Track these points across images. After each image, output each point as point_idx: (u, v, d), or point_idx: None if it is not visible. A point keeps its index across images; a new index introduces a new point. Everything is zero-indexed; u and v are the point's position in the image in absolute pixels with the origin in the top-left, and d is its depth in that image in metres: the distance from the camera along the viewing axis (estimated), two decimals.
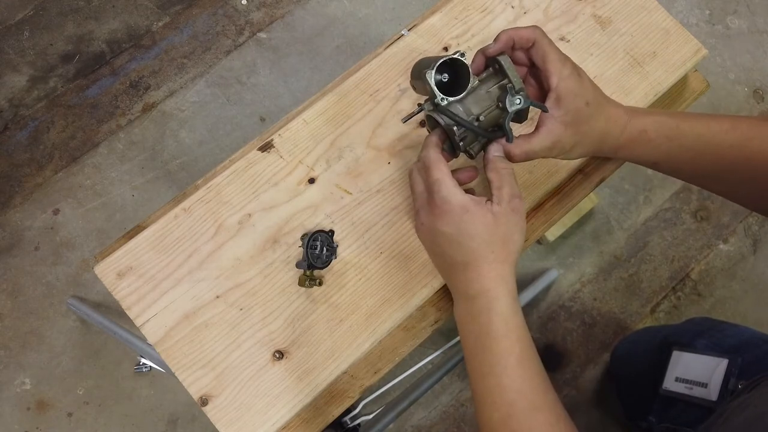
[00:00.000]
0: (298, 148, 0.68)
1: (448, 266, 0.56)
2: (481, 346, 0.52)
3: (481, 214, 0.52)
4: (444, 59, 0.55)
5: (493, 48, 0.55)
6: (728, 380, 0.78)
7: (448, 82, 0.57)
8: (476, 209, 0.52)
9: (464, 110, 0.55)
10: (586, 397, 1.28)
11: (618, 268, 1.38)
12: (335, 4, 1.52)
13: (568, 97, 0.54)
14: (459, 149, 0.56)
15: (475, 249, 0.52)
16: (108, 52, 1.47)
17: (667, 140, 0.58)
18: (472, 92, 0.55)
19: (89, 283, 1.31)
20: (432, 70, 0.54)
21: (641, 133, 0.58)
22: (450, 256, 0.54)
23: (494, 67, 0.56)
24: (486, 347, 0.52)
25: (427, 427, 1.28)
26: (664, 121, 0.58)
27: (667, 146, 0.58)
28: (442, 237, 0.54)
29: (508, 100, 0.53)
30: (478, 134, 0.55)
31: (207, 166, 1.39)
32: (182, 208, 0.65)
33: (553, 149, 0.56)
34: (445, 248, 0.54)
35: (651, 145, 0.59)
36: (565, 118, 0.54)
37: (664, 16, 0.73)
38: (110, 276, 0.63)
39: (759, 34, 1.55)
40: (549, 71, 0.54)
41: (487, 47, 0.56)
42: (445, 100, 0.54)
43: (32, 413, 1.24)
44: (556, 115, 0.54)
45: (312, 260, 0.62)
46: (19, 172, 1.38)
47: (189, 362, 0.61)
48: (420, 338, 0.70)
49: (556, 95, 0.54)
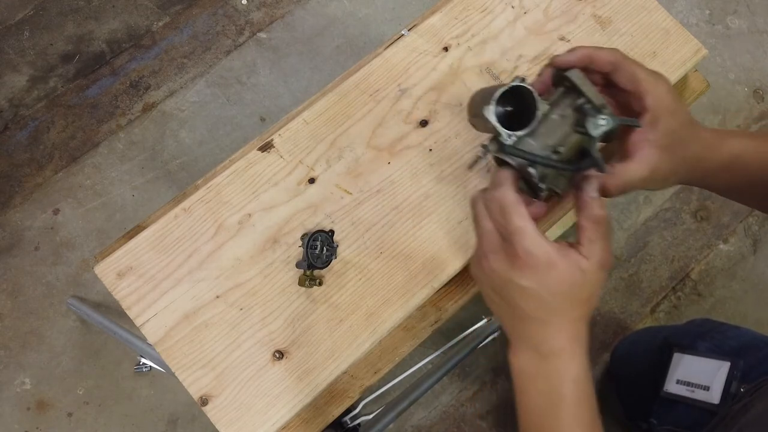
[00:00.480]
0: (298, 148, 0.68)
1: (516, 317, 0.50)
2: (550, 408, 0.48)
3: (569, 271, 0.46)
4: (503, 89, 0.47)
5: (565, 59, 0.49)
6: (730, 383, 0.78)
7: (512, 112, 0.50)
8: (564, 265, 0.46)
9: (538, 144, 0.47)
10: None
11: (618, 268, 1.38)
12: (335, 4, 1.52)
13: (665, 118, 0.48)
14: (541, 191, 0.48)
15: (555, 307, 0.47)
16: (108, 52, 1.47)
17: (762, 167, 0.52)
18: (543, 120, 0.47)
19: (89, 283, 1.31)
20: (491, 105, 0.47)
21: (735, 158, 0.52)
22: (522, 309, 0.48)
23: (564, 85, 0.48)
24: (555, 411, 0.48)
25: (427, 427, 1.28)
26: (757, 145, 0.52)
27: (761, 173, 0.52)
28: (518, 290, 0.47)
29: (590, 122, 0.45)
30: (561, 169, 0.47)
31: (207, 166, 1.39)
32: (182, 208, 0.65)
33: (650, 179, 0.49)
34: (519, 300, 0.48)
35: (745, 172, 0.52)
36: (662, 141, 0.48)
37: (664, 16, 0.73)
38: (110, 276, 0.63)
39: (759, 34, 1.55)
40: (642, 91, 0.48)
41: (557, 58, 0.50)
42: (512, 136, 0.46)
43: (32, 413, 1.24)
44: (651, 138, 0.48)
45: (312, 260, 0.62)
46: (19, 172, 1.38)
47: (189, 362, 0.61)
48: (420, 338, 0.70)
49: (652, 116, 0.48)
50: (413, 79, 0.70)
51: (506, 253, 0.47)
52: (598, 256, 0.47)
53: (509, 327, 0.52)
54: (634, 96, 0.49)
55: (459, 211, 0.66)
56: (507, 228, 0.46)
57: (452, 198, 0.66)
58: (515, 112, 0.49)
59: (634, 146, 0.48)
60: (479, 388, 1.30)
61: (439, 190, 0.67)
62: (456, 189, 0.67)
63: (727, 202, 1.41)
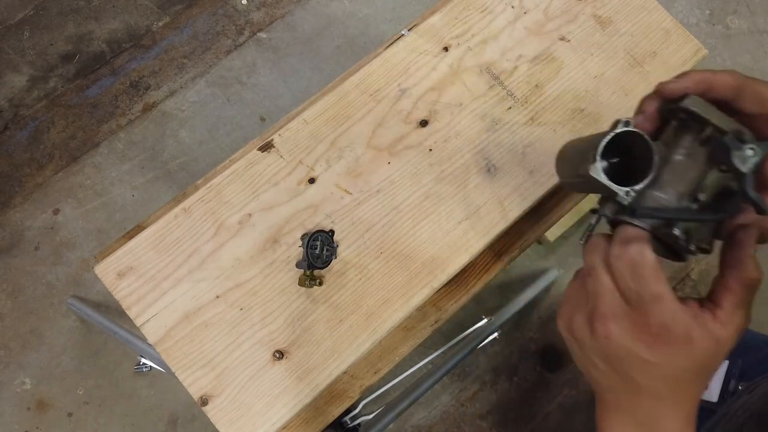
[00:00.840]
0: (298, 148, 0.68)
1: (627, 390, 0.42)
2: None
3: (704, 343, 0.39)
4: (607, 140, 0.39)
5: (677, 86, 0.41)
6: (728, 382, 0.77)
7: (617, 163, 0.42)
8: (701, 337, 0.38)
9: (667, 194, 0.39)
10: (586, 397, 1.28)
11: None
12: (335, 4, 1.52)
13: None
14: (689, 252, 0.40)
15: (680, 383, 0.40)
16: (108, 52, 1.47)
17: None
18: (664, 165, 0.39)
19: (89, 283, 1.31)
20: (597, 163, 0.39)
21: None
22: (638, 383, 0.41)
23: (679, 117, 0.40)
24: None
25: (427, 427, 1.28)
26: None
27: None
28: (639, 363, 0.40)
29: (736, 155, 0.36)
30: (711, 220, 0.38)
31: (207, 166, 1.39)
32: (182, 208, 0.65)
33: None
34: (636, 374, 0.40)
35: None
36: None
37: (664, 16, 0.73)
38: (110, 276, 0.63)
39: (759, 34, 1.55)
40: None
41: (665, 86, 0.42)
42: (630, 193, 0.38)
43: (32, 413, 1.24)
44: None
45: (312, 260, 0.62)
46: (19, 172, 1.38)
47: (189, 362, 0.61)
48: (420, 338, 0.70)
49: None
50: (413, 79, 0.70)
51: (632, 321, 0.39)
52: (739, 324, 0.39)
53: (612, 397, 0.44)
54: (762, 119, 0.42)
55: (459, 211, 0.66)
56: (640, 293, 0.39)
57: (452, 198, 0.66)
58: (620, 162, 0.41)
59: None
60: (479, 388, 1.30)
61: (439, 190, 0.67)
62: (456, 189, 0.67)
63: None
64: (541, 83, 0.71)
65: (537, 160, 0.68)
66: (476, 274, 0.71)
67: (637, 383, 0.41)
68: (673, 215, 0.37)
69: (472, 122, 0.69)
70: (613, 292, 0.40)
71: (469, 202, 0.66)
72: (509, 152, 0.68)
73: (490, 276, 0.71)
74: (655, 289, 0.38)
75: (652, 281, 0.38)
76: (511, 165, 0.67)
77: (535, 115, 0.69)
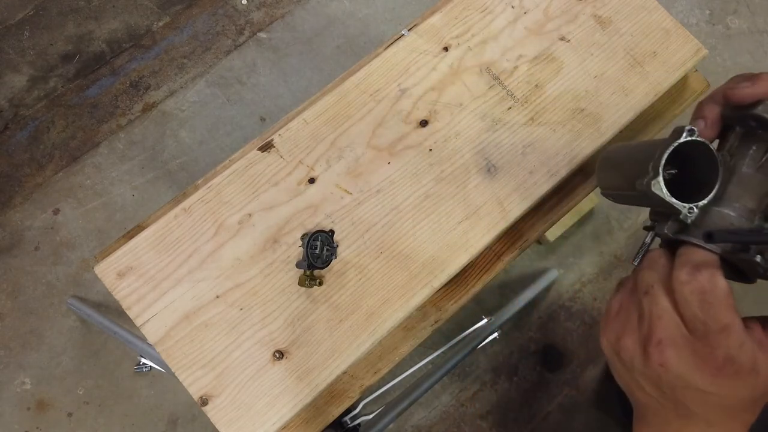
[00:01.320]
0: (298, 148, 0.68)
1: (676, 415, 0.40)
2: None
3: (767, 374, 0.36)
4: (669, 151, 0.35)
5: (749, 92, 0.37)
6: None
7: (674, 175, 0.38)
8: (766, 368, 0.36)
9: (733, 213, 0.35)
10: (586, 397, 1.28)
11: (618, 268, 1.38)
12: (335, 4, 1.52)
13: None
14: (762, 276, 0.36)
15: (736, 411, 0.38)
16: (108, 52, 1.47)
17: None
18: (730, 178, 0.36)
19: (89, 283, 1.31)
20: (659, 177, 0.35)
21: None
22: (689, 410, 0.39)
23: (748, 125, 0.37)
24: None
25: (427, 427, 1.28)
26: None
27: None
28: (696, 393, 0.38)
29: None
30: None
31: (207, 166, 1.39)
32: (182, 208, 0.65)
33: None
34: (691, 402, 0.38)
35: None
36: None
37: (665, 16, 0.73)
38: (110, 276, 0.63)
39: (759, 34, 1.55)
40: None
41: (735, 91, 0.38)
42: (694, 210, 0.35)
43: (32, 413, 1.24)
44: None
45: (312, 260, 0.62)
46: (19, 172, 1.38)
47: (189, 362, 0.61)
48: (420, 338, 0.70)
49: None
50: (413, 79, 0.70)
51: (694, 350, 0.37)
52: None
53: (656, 419, 0.41)
54: None
55: (459, 211, 0.66)
56: (707, 323, 0.36)
57: (452, 198, 0.66)
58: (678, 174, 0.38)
59: None
60: (479, 388, 1.30)
61: (439, 190, 0.67)
62: (456, 189, 0.67)
63: None
64: (541, 83, 0.71)
65: (537, 160, 0.68)
66: (476, 274, 0.71)
67: (689, 410, 0.39)
68: (752, 239, 0.32)
69: (472, 122, 0.69)
70: (673, 317, 0.37)
71: (469, 202, 0.66)
72: (509, 152, 0.68)
73: (490, 276, 0.71)
74: (726, 319, 0.35)
75: (723, 311, 0.35)
76: (511, 165, 0.67)
77: (535, 115, 0.69)
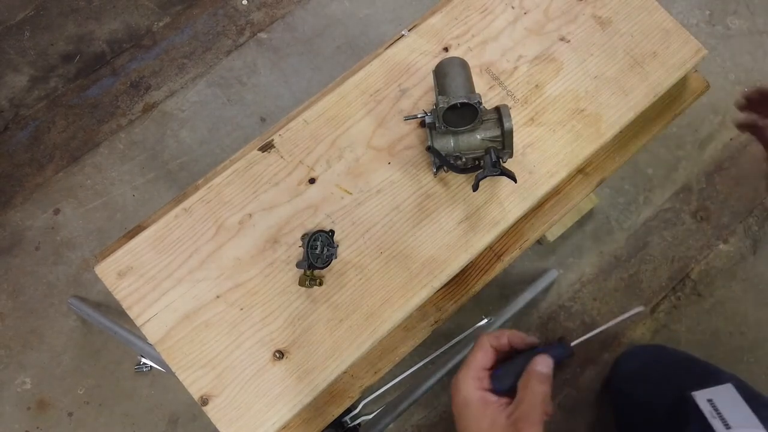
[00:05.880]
0: (298, 148, 0.68)
1: None
2: None
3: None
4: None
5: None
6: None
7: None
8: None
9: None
10: (586, 397, 1.28)
11: (618, 268, 1.38)
12: (335, 5, 1.52)
13: None
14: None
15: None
16: (109, 52, 1.47)
17: None
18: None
19: (90, 283, 1.31)
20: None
21: None
22: None
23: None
24: None
25: (427, 427, 1.28)
26: None
27: None
28: None
29: None
30: None
31: (207, 166, 1.39)
32: (183, 208, 0.65)
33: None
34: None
35: None
36: None
37: (664, 16, 0.74)
38: (111, 276, 0.63)
39: (759, 35, 1.55)
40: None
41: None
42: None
43: (32, 413, 1.24)
44: None
45: (312, 260, 0.62)
46: (19, 172, 1.38)
47: (189, 362, 0.61)
48: (420, 338, 0.70)
49: None
50: (413, 79, 0.70)
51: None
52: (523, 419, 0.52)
53: None
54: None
55: (459, 211, 0.66)
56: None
57: (452, 198, 0.66)
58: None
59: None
60: None
61: (439, 190, 0.67)
62: (456, 189, 0.67)
63: (727, 202, 1.41)
64: (541, 83, 0.71)
65: (537, 160, 0.68)
66: (476, 274, 0.71)
67: None
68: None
69: None
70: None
71: (469, 202, 0.66)
72: None
73: (490, 276, 0.71)
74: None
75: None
76: (511, 165, 0.67)
77: (535, 115, 0.69)
